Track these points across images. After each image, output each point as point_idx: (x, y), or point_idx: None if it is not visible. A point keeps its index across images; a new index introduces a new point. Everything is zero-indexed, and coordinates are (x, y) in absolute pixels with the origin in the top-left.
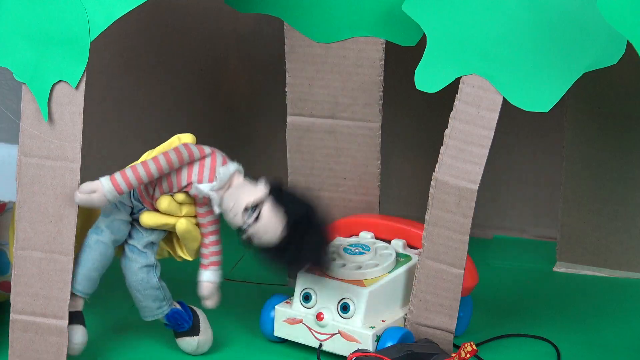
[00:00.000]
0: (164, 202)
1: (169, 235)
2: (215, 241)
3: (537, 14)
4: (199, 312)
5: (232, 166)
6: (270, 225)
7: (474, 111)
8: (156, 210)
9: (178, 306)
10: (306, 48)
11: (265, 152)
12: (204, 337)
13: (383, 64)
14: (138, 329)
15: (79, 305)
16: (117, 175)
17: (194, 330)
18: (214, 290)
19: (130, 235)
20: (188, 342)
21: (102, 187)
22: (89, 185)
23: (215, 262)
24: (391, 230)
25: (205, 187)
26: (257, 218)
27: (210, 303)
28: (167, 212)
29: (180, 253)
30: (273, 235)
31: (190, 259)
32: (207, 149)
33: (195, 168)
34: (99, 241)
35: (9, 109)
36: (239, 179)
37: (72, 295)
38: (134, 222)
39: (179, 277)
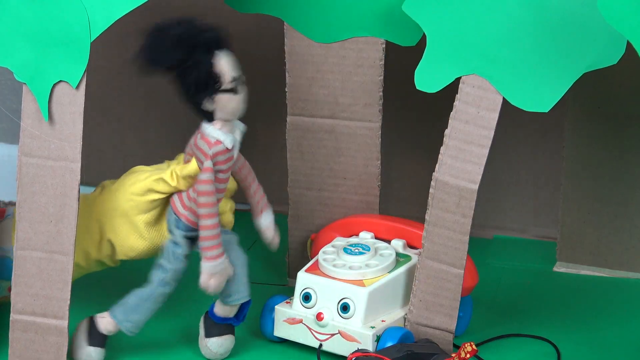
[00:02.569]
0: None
1: None
2: (258, 186)
3: (537, 14)
4: None
5: (207, 129)
6: None
7: (474, 111)
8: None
9: None
10: (306, 48)
11: (265, 152)
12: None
13: (383, 64)
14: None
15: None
16: (208, 253)
17: (232, 329)
18: (274, 229)
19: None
20: (231, 340)
21: (212, 269)
22: (208, 282)
23: (266, 204)
24: (391, 230)
25: (235, 150)
26: None
27: (276, 242)
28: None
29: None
30: None
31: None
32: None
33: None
34: (164, 294)
35: (10, 109)
36: (213, 123)
37: (115, 325)
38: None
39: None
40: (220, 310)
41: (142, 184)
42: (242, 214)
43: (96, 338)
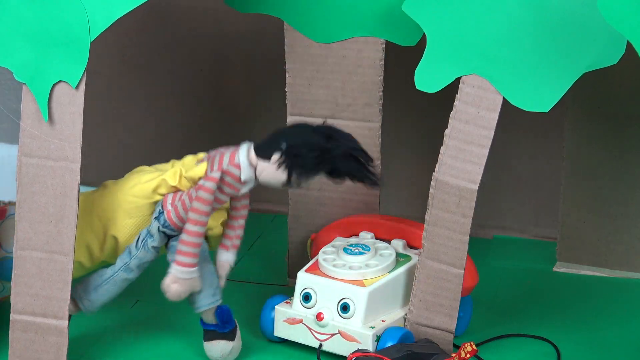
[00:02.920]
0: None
1: None
2: (242, 226)
3: (537, 14)
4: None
5: (243, 150)
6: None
7: (474, 111)
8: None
9: None
10: (306, 48)
11: None
12: (238, 344)
13: (383, 64)
14: (139, 329)
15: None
16: (181, 258)
17: (231, 335)
18: (229, 270)
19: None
20: (222, 346)
21: (179, 274)
22: (170, 285)
23: (237, 245)
24: (391, 230)
25: (245, 187)
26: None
27: (222, 282)
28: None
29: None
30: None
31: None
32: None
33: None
34: (127, 280)
35: (9, 109)
36: (254, 156)
37: (75, 304)
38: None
39: None
40: (203, 317)
41: (143, 187)
42: None
43: None
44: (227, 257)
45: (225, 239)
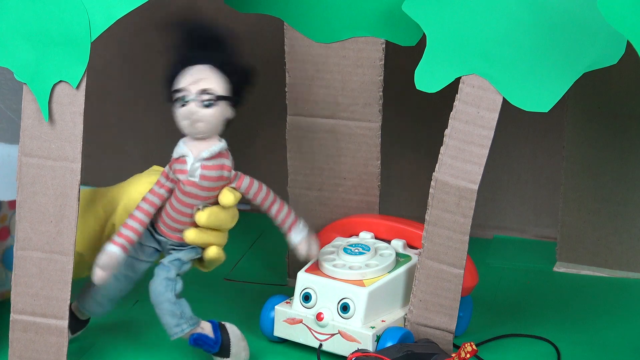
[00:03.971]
0: (203, 216)
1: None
2: (280, 205)
3: (537, 14)
4: (232, 331)
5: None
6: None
7: (474, 111)
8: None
9: (204, 329)
10: (306, 48)
11: (265, 152)
12: (237, 352)
13: (383, 64)
14: (139, 329)
15: (84, 316)
16: (116, 238)
17: (223, 353)
18: (308, 244)
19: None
20: None
21: (111, 255)
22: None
23: (293, 221)
24: (391, 230)
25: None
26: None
27: (313, 254)
28: (208, 226)
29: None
30: None
31: (205, 270)
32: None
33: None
34: (114, 275)
35: (10, 109)
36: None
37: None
38: (169, 250)
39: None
40: None
41: (141, 187)
42: (242, 214)
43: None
44: (294, 239)
45: (280, 227)
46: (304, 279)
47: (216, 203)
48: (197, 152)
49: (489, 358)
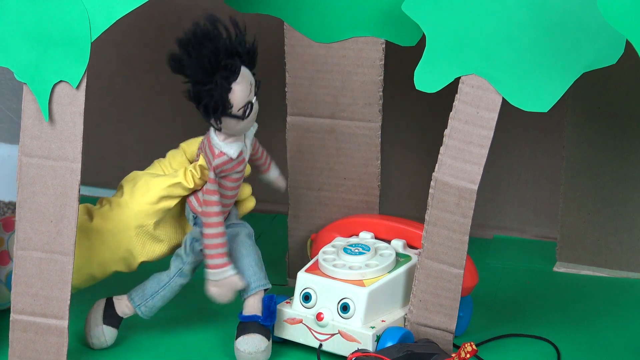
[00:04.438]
0: (247, 189)
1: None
2: (269, 158)
3: (537, 14)
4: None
5: (214, 138)
6: None
7: (474, 111)
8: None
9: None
10: (306, 48)
11: None
12: (270, 347)
13: (383, 64)
14: (139, 329)
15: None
16: (210, 261)
17: (268, 332)
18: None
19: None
20: (257, 341)
21: (213, 276)
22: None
23: (270, 162)
24: (391, 230)
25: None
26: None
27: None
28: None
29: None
30: None
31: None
32: (207, 155)
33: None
34: (181, 285)
35: (10, 109)
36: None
37: (131, 308)
38: None
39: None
40: (244, 308)
41: (155, 192)
42: None
43: (111, 318)
44: (273, 174)
45: (260, 166)
46: (304, 279)
47: None
48: (245, 139)
49: (489, 358)
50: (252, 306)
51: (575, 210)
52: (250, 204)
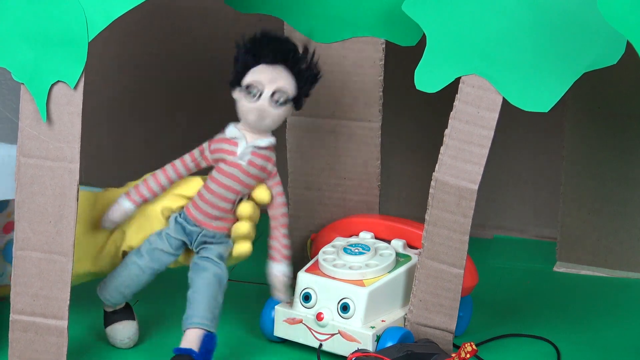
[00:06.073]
0: (248, 207)
1: None
2: (285, 234)
3: (537, 14)
4: None
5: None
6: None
7: (474, 111)
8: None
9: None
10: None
11: None
12: None
13: (383, 64)
14: (141, 327)
15: (110, 307)
16: (133, 195)
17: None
18: (282, 283)
19: (199, 253)
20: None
21: (125, 210)
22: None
23: (286, 255)
24: (391, 230)
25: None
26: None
27: (280, 295)
28: (248, 216)
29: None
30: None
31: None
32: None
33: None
34: (135, 263)
35: (9, 109)
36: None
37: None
38: (201, 242)
39: None
40: (182, 340)
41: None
42: None
43: (107, 319)
44: (278, 269)
45: (271, 250)
46: (304, 279)
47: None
48: (251, 139)
49: (489, 358)
50: (191, 341)
51: (575, 210)
52: (242, 248)
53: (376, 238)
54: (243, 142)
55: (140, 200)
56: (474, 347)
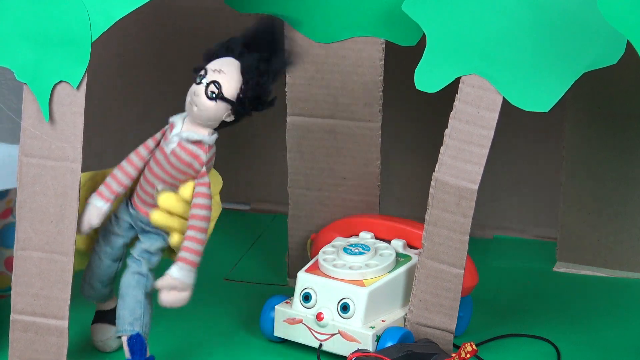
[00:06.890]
0: (159, 197)
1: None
2: (193, 237)
3: (537, 14)
4: None
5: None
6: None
7: (474, 111)
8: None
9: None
10: (306, 48)
11: (265, 152)
12: None
13: (383, 64)
14: None
15: (98, 305)
16: (103, 191)
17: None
18: (173, 286)
19: (133, 245)
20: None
21: (99, 210)
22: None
23: (188, 259)
24: (391, 230)
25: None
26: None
27: (164, 297)
28: (167, 209)
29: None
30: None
31: None
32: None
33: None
34: (93, 250)
35: (10, 109)
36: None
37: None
38: (140, 229)
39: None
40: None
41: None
42: (242, 214)
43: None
44: (172, 269)
45: (178, 250)
46: (304, 279)
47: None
48: (187, 129)
49: (489, 358)
50: (125, 350)
51: (575, 210)
52: (171, 240)
53: (376, 238)
54: (177, 129)
55: (113, 196)
56: (474, 347)
